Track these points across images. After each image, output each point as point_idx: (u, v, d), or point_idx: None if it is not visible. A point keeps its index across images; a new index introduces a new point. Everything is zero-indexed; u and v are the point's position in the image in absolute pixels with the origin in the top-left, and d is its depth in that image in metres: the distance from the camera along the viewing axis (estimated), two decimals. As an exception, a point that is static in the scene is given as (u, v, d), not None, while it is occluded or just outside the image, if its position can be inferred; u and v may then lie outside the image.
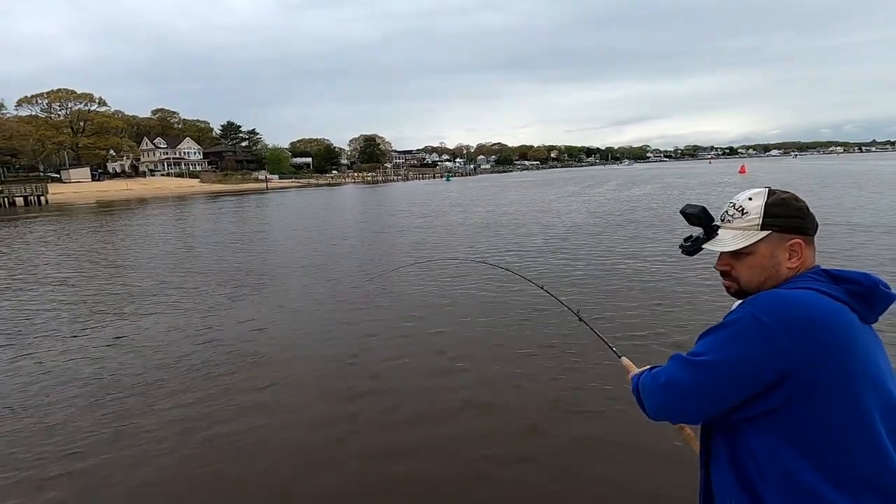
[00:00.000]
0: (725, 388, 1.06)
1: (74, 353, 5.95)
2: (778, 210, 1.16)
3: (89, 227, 23.79)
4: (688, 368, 1.12)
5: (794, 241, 1.15)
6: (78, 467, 3.61)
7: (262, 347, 5.89)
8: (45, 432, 4.12)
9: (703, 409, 1.11)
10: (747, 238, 1.17)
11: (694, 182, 38.75)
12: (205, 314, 7.42)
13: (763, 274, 1.17)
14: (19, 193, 47.52)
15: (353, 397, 4.51)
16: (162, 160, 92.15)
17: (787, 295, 1.08)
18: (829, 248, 9.67)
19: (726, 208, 1.24)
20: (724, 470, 1.12)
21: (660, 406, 1.19)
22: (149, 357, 5.73)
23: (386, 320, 6.72)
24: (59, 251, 15.32)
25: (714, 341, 1.10)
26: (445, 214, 22.18)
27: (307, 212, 28.29)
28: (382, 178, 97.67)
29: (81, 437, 4.00)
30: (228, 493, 3.28)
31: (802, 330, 1.01)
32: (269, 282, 9.57)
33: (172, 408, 4.45)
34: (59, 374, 5.34)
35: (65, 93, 79.77)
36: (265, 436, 3.93)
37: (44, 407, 4.58)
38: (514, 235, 14.31)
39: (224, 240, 16.62)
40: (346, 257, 12.14)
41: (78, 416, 4.39)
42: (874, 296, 1.09)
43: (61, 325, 7.16)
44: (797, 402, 1.01)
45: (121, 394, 4.78)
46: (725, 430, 1.12)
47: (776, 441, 1.03)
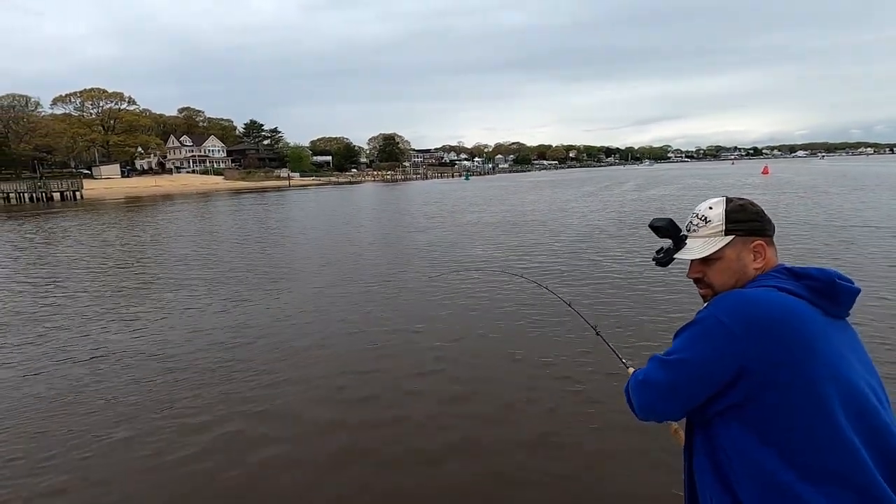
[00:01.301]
0: (692, 385, 1.13)
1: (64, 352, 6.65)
2: (738, 215, 1.24)
3: (130, 221, 24.96)
4: (662, 367, 1.19)
5: (756, 243, 1.23)
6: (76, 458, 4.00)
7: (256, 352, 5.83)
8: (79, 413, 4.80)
9: (679, 405, 1.18)
10: (714, 244, 1.25)
11: (716, 183, 38.25)
12: (237, 304, 8.11)
13: (734, 277, 1.24)
14: (56, 189, 49.54)
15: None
16: (187, 157, 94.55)
17: (746, 294, 1.14)
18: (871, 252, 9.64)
19: (690, 219, 1.33)
20: (703, 463, 1.17)
21: (642, 404, 1.26)
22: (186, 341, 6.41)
23: (399, 328, 6.43)
24: (119, 242, 16.32)
25: (683, 340, 1.18)
26: (465, 213, 22.65)
27: (334, 211, 28.54)
28: (402, 176, 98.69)
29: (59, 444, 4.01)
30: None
31: (761, 329, 1.06)
32: (291, 279, 10.23)
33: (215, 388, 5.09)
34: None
35: (97, 92, 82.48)
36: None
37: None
38: (537, 236, 14.73)
39: (258, 236, 17.44)
40: (383, 261, 12.08)
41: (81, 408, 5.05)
42: (833, 290, 1.14)
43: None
44: (758, 399, 1.05)
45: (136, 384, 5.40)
46: (702, 425, 1.18)
47: (742, 434, 1.08)
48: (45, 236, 19.03)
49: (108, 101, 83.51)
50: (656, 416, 1.25)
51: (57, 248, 15.46)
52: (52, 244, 16.59)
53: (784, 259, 1.26)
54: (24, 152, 69.83)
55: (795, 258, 9.09)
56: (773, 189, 28.39)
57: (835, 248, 10.30)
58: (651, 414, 1.25)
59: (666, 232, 1.35)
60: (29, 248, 15.67)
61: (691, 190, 31.50)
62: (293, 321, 6.97)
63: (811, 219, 14.92)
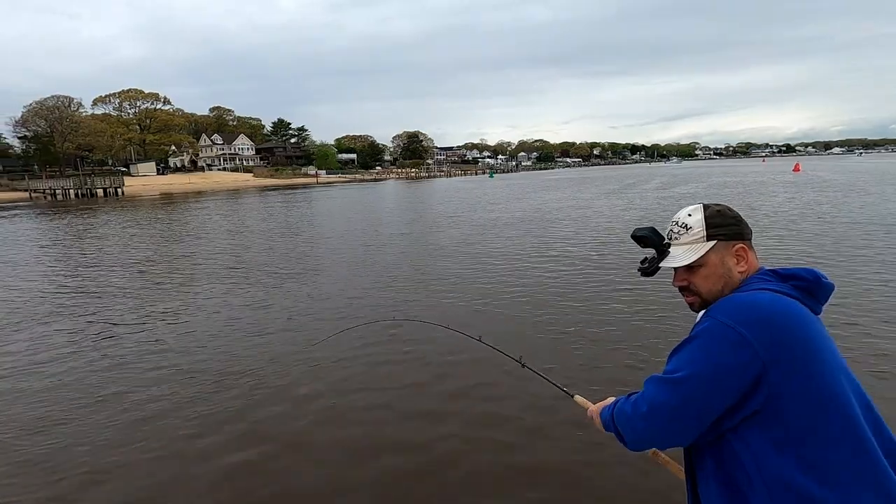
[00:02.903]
0: (711, 398, 1.07)
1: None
2: (718, 220, 1.24)
3: (176, 216, 26.50)
4: (669, 388, 1.11)
5: (738, 247, 1.23)
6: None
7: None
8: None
9: (692, 425, 1.11)
10: (697, 251, 1.24)
11: (744, 181, 37.32)
12: (280, 297, 9.06)
13: (720, 282, 1.22)
14: (100, 185, 52.31)
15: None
16: (218, 155, 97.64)
17: (746, 298, 1.12)
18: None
19: (671, 227, 1.31)
20: (712, 484, 1.11)
21: (645, 435, 1.18)
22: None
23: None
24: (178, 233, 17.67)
25: (688, 355, 1.12)
26: (497, 211, 23.29)
27: (368, 210, 28.62)
28: (426, 174, 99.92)
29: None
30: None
31: (772, 330, 1.05)
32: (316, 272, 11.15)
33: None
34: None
35: (134, 92, 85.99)
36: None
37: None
38: (577, 236, 15.38)
39: (310, 231, 18.54)
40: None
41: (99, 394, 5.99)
42: (819, 288, 1.15)
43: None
44: (777, 403, 1.03)
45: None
46: (710, 444, 1.13)
47: (762, 445, 1.04)
48: (104, 229, 20.56)
49: (144, 101, 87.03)
50: (660, 442, 1.18)
51: (118, 240, 16.83)
52: (110, 237, 18.01)
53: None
54: (68, 151, 73.55)
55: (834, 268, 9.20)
56: (805, 187, 27.78)
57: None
58: (657, 442, 1.19)
59: (649, 241, 1.32)
60: (89, 240, 17.11)
61: (717, 188, 30.84)
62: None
63: (855, 217, 14.44)
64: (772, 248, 10.56)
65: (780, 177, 41.01)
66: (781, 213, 16.35)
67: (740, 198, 22.92)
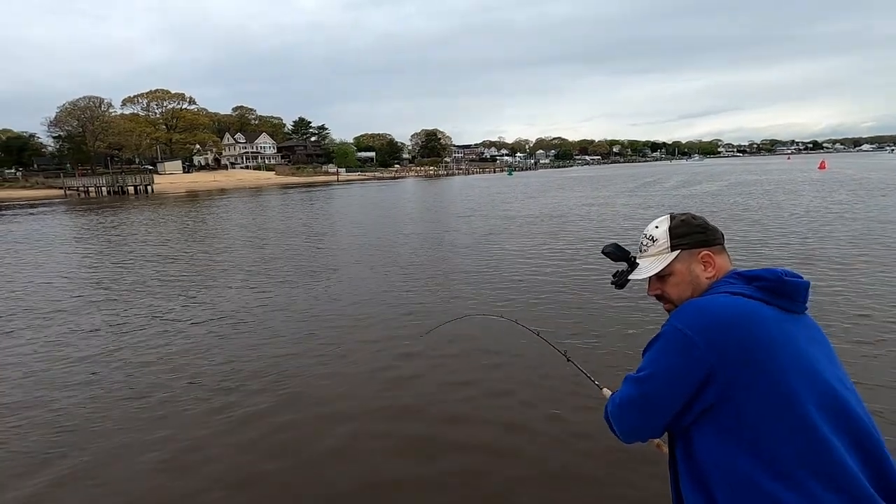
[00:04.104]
0: (665, 397, 1.16)
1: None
2: (681, 230, 1.31)
3: (207, 212, 27.55)
4: (635, 385, 1.23)
5: (703, 254, 1.28)
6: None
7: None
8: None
9: (657, 419, 1.20)
10: (663, 261, 1.31)
11: (766, 178, 36.68)
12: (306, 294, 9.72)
13: (689, 289, 1.29)
14: (131, 183, 54.34)
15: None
16: (241, 154, 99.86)
17: (700, 303, 1.19)
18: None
19: (641, 239, 1.39)
20: (685, 473, 1.18)
21: (623, 426, 1.28)
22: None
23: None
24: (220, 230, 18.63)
25: (650, 355, 1.22)
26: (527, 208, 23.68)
27: (396, 207, 28.86)
28: (445, 172, 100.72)
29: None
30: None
31: (719, 333, 1.11)
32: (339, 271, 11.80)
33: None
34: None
35: (161, 93, 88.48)
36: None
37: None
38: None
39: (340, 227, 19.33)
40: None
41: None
42: (783, 287, 1.17)
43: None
44: (727, 402, 1.09)
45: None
46: (681, 436, 1.20)
47: (717, 441, 1.10)
48: (144, 225, 21.66)
49: (171, 101, 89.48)
50: (638, 434, 1.28)
51: (159, 233, 17.85)
52: (172, 231, 19.03)
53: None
54: (99, 150, 76.24)
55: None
56: (832, 185, 27.19)
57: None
58: (634, 433, 1.28)
59: (617, 256, 1.42)
60: (128, 235, 18.15)
61: (738, 187, 30.37)
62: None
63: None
64: (782, 248, 10.80)
65: (806, 175, 40.01)
66: (809, 213, 16.31)
67: (764, 196, 22.79)
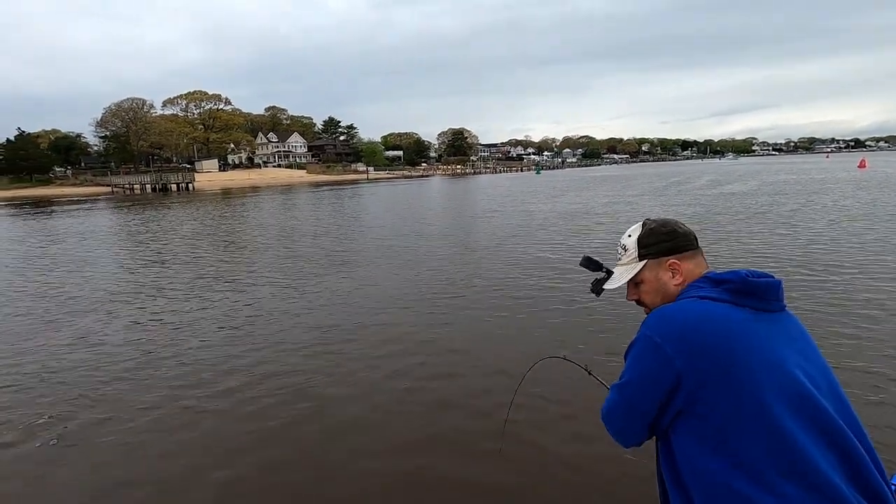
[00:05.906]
0: (643, 402, 1.21)
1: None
2: (647, 240, 1.37)
3: (249, 208, 29.00)
4: (618, 391, 1.29)
5: (670, 262, 1.33)
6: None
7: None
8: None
9: (639, 423, 1.25)
10: (631, 271, 1.38)
11: (802, 178, 35.36)
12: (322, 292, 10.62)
13: (658, 295, 1.35)
14: (173, 181, 57.26)
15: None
16: (273, 153, 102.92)
17: (666, 310, 1.24)
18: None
19: (618, 248, 1.46)
20: (667, 474, 1.22)
21: (614, 430, 1.33)
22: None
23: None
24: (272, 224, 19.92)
25: (628, 361, 1.28)
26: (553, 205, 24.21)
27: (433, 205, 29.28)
28: (472, 171, 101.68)
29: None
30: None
31: (683, 337, 1.15)
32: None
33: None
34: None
35: (199, 94, 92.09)
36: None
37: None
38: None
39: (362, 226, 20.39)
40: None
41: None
42: (749, 287, 1.20)
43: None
44: (696, 404, 1.12)
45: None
46: (662, 439, 1.25)
47: (689, 442, 1.14)
48: (193, 222, 23.20)
49: (208, 102, 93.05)
50: (627, 438, 1.31)
51: (210, 226, 19.23)
52: (236, 226, 20.45)
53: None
54: (142, 149, 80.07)
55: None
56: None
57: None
58: (623, 437, 1.32)
59: (593, 267, 1.48)
60: (176, 230, 19.59)
61: (770, 186, 29.78)
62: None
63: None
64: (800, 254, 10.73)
65: (843, 174, 38.60)
66: (838, 217, 16.26)
67: (792, 198, 22.64)
